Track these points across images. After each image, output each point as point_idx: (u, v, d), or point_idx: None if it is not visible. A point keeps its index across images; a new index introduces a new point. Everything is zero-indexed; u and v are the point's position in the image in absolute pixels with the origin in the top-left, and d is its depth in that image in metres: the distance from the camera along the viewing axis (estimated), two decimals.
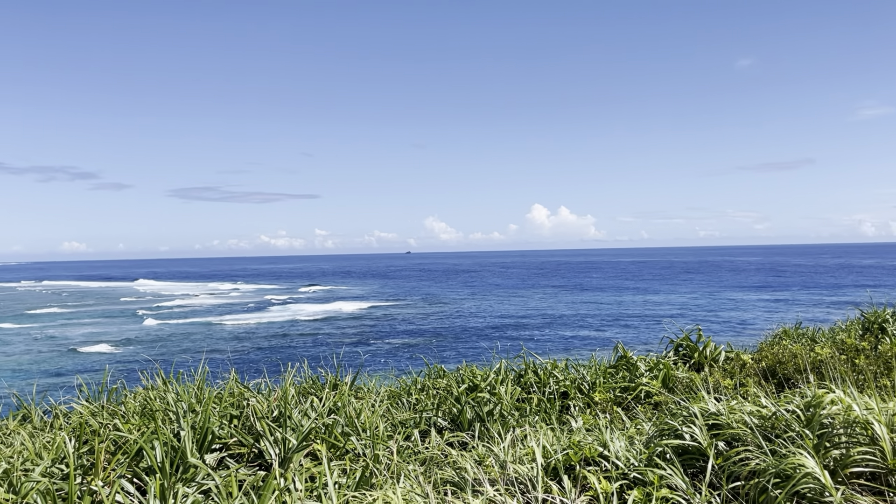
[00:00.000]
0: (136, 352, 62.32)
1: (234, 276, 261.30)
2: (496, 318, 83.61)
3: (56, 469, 4.49)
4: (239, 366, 7.13)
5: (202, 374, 6.41)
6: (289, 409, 5.48)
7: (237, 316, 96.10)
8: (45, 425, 5.88)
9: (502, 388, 7.90)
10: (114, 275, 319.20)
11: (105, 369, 6.53)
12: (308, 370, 7.61)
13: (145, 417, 5.52)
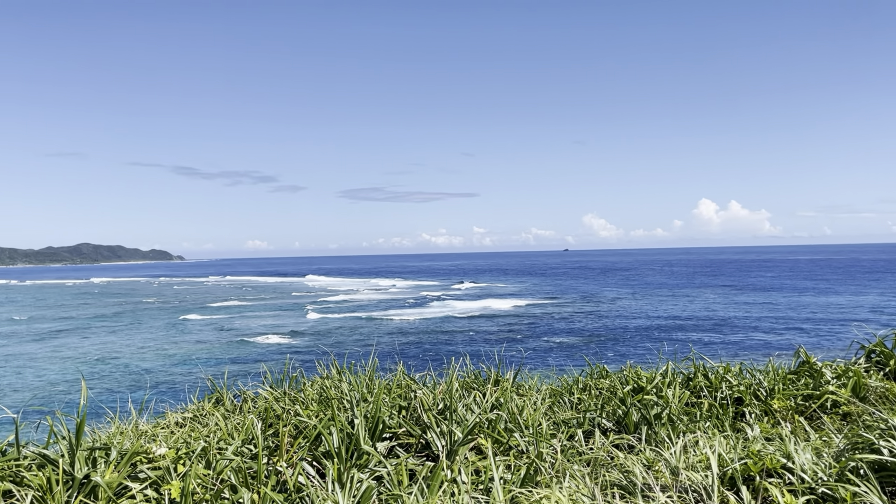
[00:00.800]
0: (304, 343, 66.68)
1: (394, 273, 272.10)
2: (659, 319, 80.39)
3: (245, 449, 4.87)
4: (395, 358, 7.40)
5: (372, 366, 6.72)
6: (453, 402, 5.58)
7: (396, 311, 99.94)
8: (235, 408, 6.43)
9: (669, 391, 7.55)
10: (288, 271, 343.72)
11: (286, 359, 7.02)
12: (470, 365, 7.73)
13: (322, 405, 5.87)
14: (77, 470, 4.11)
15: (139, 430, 5.40)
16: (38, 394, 44.40)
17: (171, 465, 4.36)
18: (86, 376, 34.77)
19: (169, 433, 5.37)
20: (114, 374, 52.15)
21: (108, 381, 48.41)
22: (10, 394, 45.05)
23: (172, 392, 40.41)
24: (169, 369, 53.81)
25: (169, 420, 6.11)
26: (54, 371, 54.54)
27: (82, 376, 5.16)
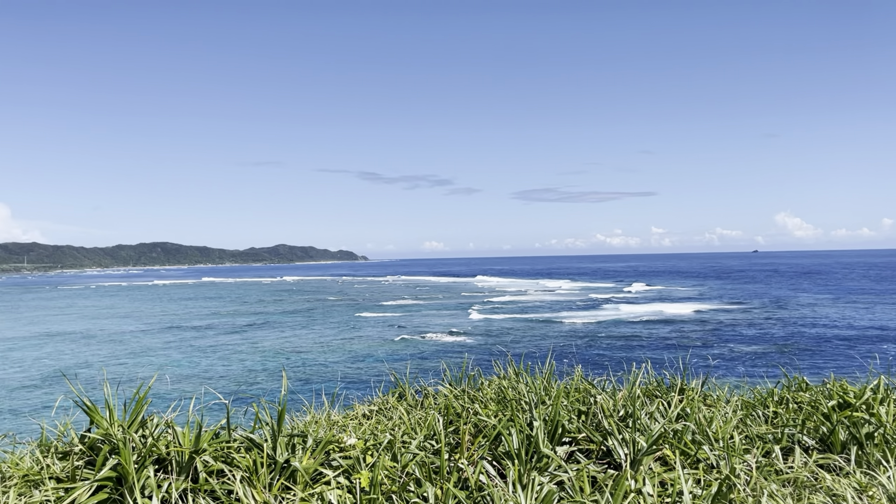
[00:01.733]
0: (475, 342, 67.81)
1: (563, 274, 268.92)
2: (864, 329, 72.47)
3: (427, 444, 5.00)
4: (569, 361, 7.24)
5: (549, 368, 6.65)
6: (636, 410, 5.36)
7: (563, 313, 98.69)
8: (417, 404, 6.64)
9: (882, 409, 6.74)
10: (460, 271, 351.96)
11: (464, 358, 7.14)
12: (651, 371, 7.40)
13: (500, 405, 5.89)
14: (279, 454, 4.44)
15: (331, 421, 5.73)
16: (243, 382, 49.08)
17: (360, 455, 4.57)
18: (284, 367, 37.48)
19: (357, 424, 5.65)
20: (305, 365, 56.31)
21: (300, 373, 52.38)
22: (217, 380, 50.17)
23: (357, 385, 42.91)
24: (352, 363, 57.13)
25: (357, 412, 6.44)
26: (254, 361, 59.93)
27: (283, 368, 5.58)
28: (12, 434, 4.81)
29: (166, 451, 4.27)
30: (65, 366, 60.21)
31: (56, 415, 4.92)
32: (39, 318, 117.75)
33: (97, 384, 5.13)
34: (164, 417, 4.59)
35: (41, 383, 52.24)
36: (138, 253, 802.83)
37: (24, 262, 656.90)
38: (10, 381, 53.42)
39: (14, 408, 43.13)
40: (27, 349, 73.72)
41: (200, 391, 5.63)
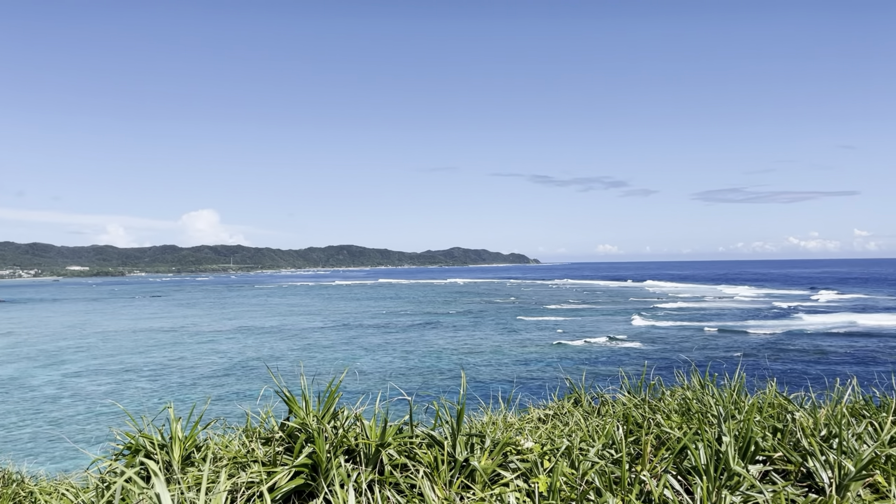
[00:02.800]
0: (648, 349, 65.14)
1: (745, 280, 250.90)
2: None
3: (606, 453, 4.86)
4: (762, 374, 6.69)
5: (739, 380, 6.21)
6: (841, 430, 4.86)
7: (741, 322, 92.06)
8: (593, 410, 6.49)
9: None
10: (631, 275, 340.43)
11: (643, 365, 6.88)
12: (858, 388, 6.68)
13: (684, 417, 5.60)
14: (458, 453, 4.53)
15: (507, 423, 5.76)
16: (421, 379, 50.97)
17: (538, 459, 4.55)
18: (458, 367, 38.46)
19: (533, 428, 5.63)
20: (477, 366, 57.32)
21: (473, 373, 53.40)
22: (396, 377, 52.48)
23: (527, 387, 42.97)
24: (523, 365, 57.26)
25: (532, 415, 6.42)
26: (430, 360, 62.00)
27: (461, 368, 5.70)
28: (223, 419, 5.33)
29: (355, 442, 4.52)
30: (262, 357, 66.06)
31: (258, 403, 5.39)
32: (240, 313, 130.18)
33: (293, 376, 5.54)
34: (353, 411, 4.86)
35: (243, 373, 57.66)
36: (327, 255, 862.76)
37: (230, 263, 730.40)
38: (217, 370, 59.49)
39: (220, 395, 47.96)
40: (231, 342, 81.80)
41: (383, 387, 5.90)
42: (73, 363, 66.68)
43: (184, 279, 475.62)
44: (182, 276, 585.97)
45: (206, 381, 54.52)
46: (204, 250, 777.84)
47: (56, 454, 33.48)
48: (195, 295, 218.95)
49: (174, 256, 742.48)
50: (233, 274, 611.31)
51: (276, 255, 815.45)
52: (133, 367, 63.29)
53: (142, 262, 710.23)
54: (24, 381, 56.32)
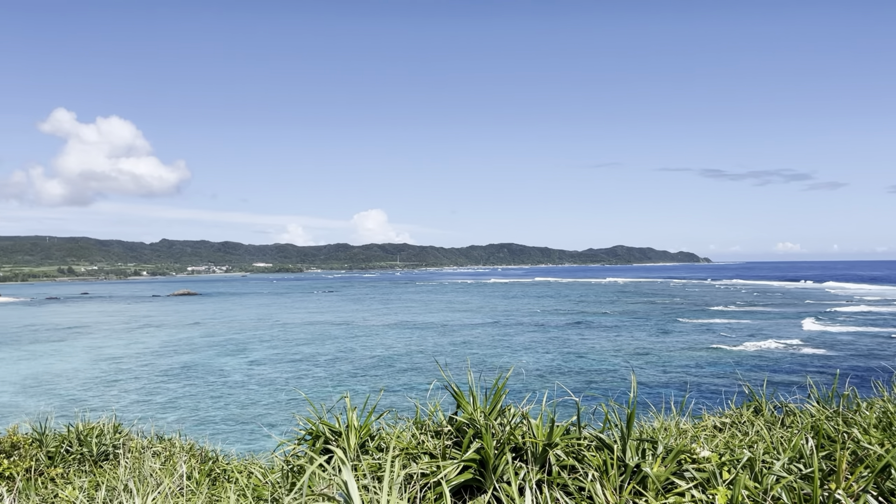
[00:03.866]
0: (828, 356, 59.41)
1: None
2: None
3: (793, 467, 4.48)
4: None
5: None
6: None
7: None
8: (776, 420, 6.02)
9: None
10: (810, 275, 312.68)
11: (835, 374, 6.28)
12: None
13: (886, 432, 5.03)
14: (629, 458, 4.38)
15: (680, 429, 5.49)
16: (584, 379, 50.18)
17: (716, 469, 4.29)
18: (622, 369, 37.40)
19: (709, 436, 5.33)
20: (642, 368, 55.42)
21: (639, 375, 51.64)
22: (558, 376, 51.99)
23: (701, 393, 40.83)
24: (692, 369, 54.53)
25: (706, 422, 6.08)
26: (591, 360, 60.84)
27: (632, 370, 5.51)
28: (394, 411, 5.54)
29: (522, 441, 4.51)
30: (425, 352, 68.25)
31: (428, 396, 5.54)
32: (403, 309, 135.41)
33: (456, 371, 5.64)
34: (520, 409, 4.85)
35: (408, 366, 59.90)
36: (487, 253, 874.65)
37: (396, 261, 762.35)
38: (384, 362, 62.25)
39: (387, 386, 50.15)
40: (396, 336, 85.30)
41: (547, 386, 5.84)
42: (257, 352, 72.73)
43: (353, 276, 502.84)
44: (353, 272, 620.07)
45: (374, 372, 57.23)
46: (373, 248, 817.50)
47: (243, 436, 36.67)
48: (364, 291, 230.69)
49: (346, 254, 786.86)
50: (397, 271, 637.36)
51: (438, 253, 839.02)
52: (309, 357, 67.84)
53: (318, 260, 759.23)
54: (216, 368, 62.26)
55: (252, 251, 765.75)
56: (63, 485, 7.50)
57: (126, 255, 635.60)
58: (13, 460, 8.86)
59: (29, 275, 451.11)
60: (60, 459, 9.04)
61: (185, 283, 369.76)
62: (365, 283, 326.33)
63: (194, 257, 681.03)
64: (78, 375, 59.60)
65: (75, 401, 45.90)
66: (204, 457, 8.83)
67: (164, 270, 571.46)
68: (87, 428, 9.49)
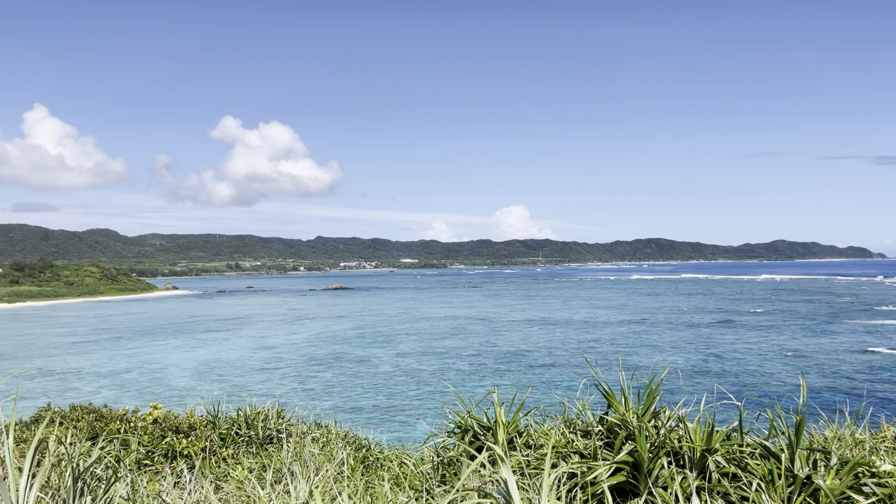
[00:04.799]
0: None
1: None
2: None
3: None
4: None
5: None
6: None
7: None
8: None
9: None
10: None
11: None
12: None
13: None
14: (797, 468, 4.07)
15: (856, 439, 5.03)
16: (744, 382, 47.37)
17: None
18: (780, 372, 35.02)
19: (891, 448, 4.84)
20: (807, 373, 51.47)
21: (822, 380, 47.88)
22: (714, 378, 49.46)
23: (877, 401, 37.25)
24: (865, 375, 49.91)
25: (886, 433, 5.52)
26: (749, 361, 57.33)
27: (801, 373, 5.12)
28: (542, 408, 5.50)
29: (678, 445, 4.32)
30: (569, 348, 67.38)
31: (572, 393, 5.45)
32: (544, 305, 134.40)
33: (604, 369, 5.49)
34: (675, 411, 4.65)
35: (550, 362, 59.45)
36: (634, 249, 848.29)
37: (538, 256, 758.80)
38: (527, 358, 62.17)
39: (531, 382, 50.05)
40: (537, 331, 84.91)
41: (705, 389, 5.55)
42: (403, 344, 75.18)
43: (494, 271, 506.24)
44: (494, 268, 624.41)
45: (516, 367, 57.31)
46: (515, 244, 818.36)
47: (392, 425, 38.05)
48: (505, 286, 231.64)
49: (489, 250, 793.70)
50: (538, 267, 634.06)
51: (582, 249, 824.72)
52: (453, 350, 69.16)
53: (461, 255, 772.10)
54: (366, 359, 65.05)
55: (399, 247, 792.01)
56: (234, 465, 8.13)
57: (285, 251, 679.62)
58: (191, 440, 9.73)
59: (202, 269, 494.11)
60: (231, 441, 9.81)
61: (338, 277, 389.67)
62: (506, 278, 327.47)
63: (346, 253, 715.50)
64: (243, 362, 64.54)
65: (241, 386, 49.74)
66: (358, 444, 9.24)
67: (319, 266, 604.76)
68: (254, 412, 10.23)
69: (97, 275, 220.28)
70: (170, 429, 9.94)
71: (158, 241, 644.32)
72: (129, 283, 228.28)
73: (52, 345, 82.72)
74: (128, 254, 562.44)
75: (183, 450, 9.31)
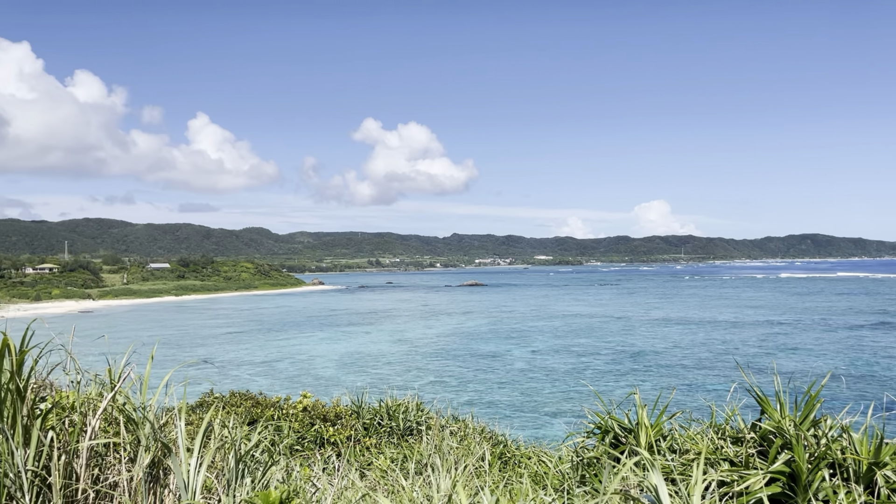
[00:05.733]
0: None
1: None
2: None
3: None
4: None
5: None
6: None
7: None
8: None
9: None
10: None
11: None
12: None
13: None
14: None
15: None
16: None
17: None
18: None
19: None
20: None
21: None
22: (880, 386, 45.35)
23: None
24: None
25: None
26: None
27: None
28: (688, 412, 5.28)
29: (842, 456, 3.99)
30: (713, 350, 64.15)
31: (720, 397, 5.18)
32: (686, 303, 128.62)
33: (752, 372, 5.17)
34: (838, 420, 4.30)
35: (693, 364, 56.87)
36: (786, 245, 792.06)
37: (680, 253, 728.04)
38: (669, 359, 59.87)
39: (673, 384, 48.18)
40: (679, 331, 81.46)
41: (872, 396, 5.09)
42: (538, 342, 74.79)
43: (631, 269, 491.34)
44: (632, 265, 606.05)
45: (656, 368, 55.33)
46: (655, 240, 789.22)
47: (527, 422, 37.98)
48: (643, 284, 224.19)
49: (626, 247, 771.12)
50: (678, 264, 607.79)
51: (728, 245, 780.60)
52: (589, 349, 67.92)
53: (597, 252, 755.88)
54: (500, 355, 65.36)
55: (533, 244, 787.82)
56: (376, 454, 8.46)
57: (422, 248, 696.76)
58: (337, 428, 10.24)
59: (345, 266, 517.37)
60: (373, 431, 10.22)
61: (473, 274, 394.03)
62: (643, 276, 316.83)
63: (481, 250, 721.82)
64: (383, 355, 66.92)
65: (381, 378, 51.60)
66: (495, 440, 9.32)
67: (455, 262, 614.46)
68: (395, 404, 10.58)
69: (251, 270, 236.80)
70: (318, 417, 10.52)
71: (306, 238, 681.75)
72: (279, 278, 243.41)
73: (212, 335, 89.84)
74: (278, 251, 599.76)
75: (330, 437, 9.81)
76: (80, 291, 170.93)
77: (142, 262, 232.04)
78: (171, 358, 63.46)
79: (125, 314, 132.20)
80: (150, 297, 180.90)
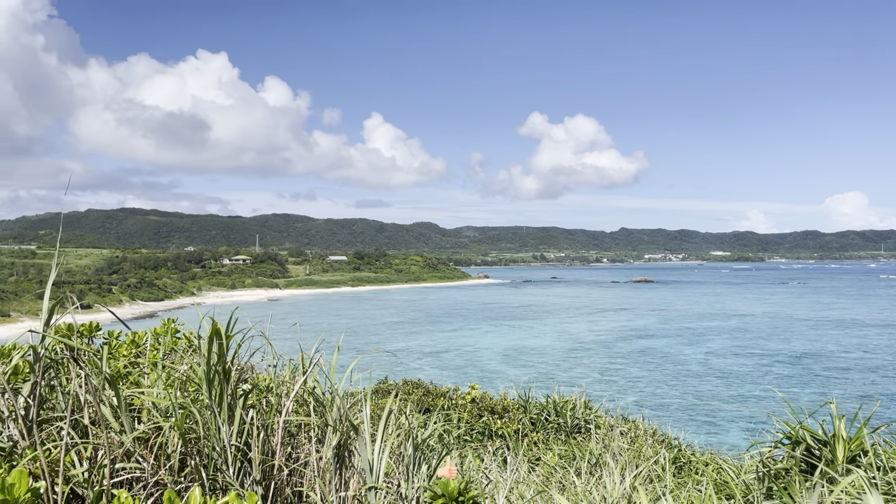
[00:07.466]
0: None
1: None
2: None
3: None
4: None
5: None
6: None
7: None
8: None
9: None
10: None
11: None
12: None
13: None
14: None
15: None
16: None
17: None
18: None
19: None
20: None
21: None
22: None
23: None
24: None
25: None
26: None
27: None
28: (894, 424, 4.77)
29: None
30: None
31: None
32: (885, 304, 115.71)
33: None
34: None
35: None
36: None
37: (879, 250, 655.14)
38: (867, 367, 54.23)
39: (879, 394, 43.67)
40: (881, 337, 73.50)
41: None
42: (713, 342, 70.75)
43: (820, 266, 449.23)
44: (822, 262, 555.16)
45: (852, 375, 50.33)
46: (849, 235, 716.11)
47: (701, 426, 36.10)
48: (835, 283, 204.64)
49: (816, 242, 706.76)
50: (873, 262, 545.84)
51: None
52: (771, 352, 63.19)
53: (781, 248, 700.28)
54: (672, 355, 62.62)
55: (708, 239, 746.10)
56: (544, 450, 8.45)
57: (588, 242, 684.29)
58: (504, 421, 10.36)
59: (510, 260, 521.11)
60: (541, 426, 10.22)
61: (642, 270, 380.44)
62: (833, 274, 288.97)
63: (651, 245, 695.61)
64: (547, 350, 66.64)
65: (546, 373, 51.41)
66: (668, 443, 8.96)
67: (623, 257, 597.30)
68: (562, 401, 10.51)
69: (421, 263, 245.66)
70: (486, 409, 10.70)
71: (472, 233, 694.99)
72: (447, 271, 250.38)
73: (385, 325, 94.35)
74: (446, 245, 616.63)
75: (498, 430, 9.95)
76: (268, 281, 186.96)
77: (322, 255, 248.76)
78: (348, 346, 67.48)
79: (308, 303, 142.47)
80: (329, 287, 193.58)
